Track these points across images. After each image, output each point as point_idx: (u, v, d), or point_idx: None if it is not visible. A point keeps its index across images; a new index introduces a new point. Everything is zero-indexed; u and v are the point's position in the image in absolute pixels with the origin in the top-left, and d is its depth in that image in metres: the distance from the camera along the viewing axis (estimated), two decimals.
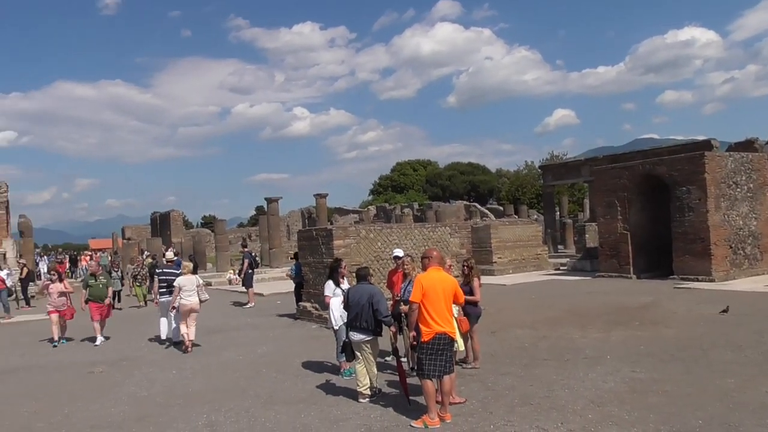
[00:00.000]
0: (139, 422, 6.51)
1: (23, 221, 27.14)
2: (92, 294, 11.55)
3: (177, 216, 37.13)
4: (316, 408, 6.67)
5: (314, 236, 12.72)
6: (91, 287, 11.62)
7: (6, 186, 30.71)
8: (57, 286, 11.68)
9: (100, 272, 12.42)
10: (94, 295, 11.54)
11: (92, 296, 11.53)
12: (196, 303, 10.35)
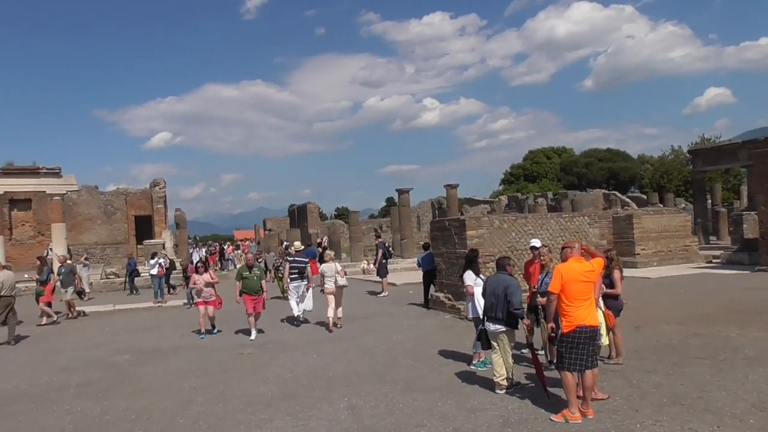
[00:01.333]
0: (286, 401, 6.91)
1: (179, 214, 29.68)
2: (246, 286, 11.20)
3: (313, 208, 38.82)
4: (452, 397, 6.71)
5: (447, 226, 12.74)
6: (245, 279, 11.25)
7: (164, 182, 33.83)
8: (203, 277, 11.57)
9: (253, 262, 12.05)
10: (248, 287, 11.19)
11: (246, 289, 11.19)
12: (334, 287, 11.71)
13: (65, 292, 15.03)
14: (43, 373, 8.92)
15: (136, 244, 33.47)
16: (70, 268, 15.56)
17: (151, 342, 11.26)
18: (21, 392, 7.90)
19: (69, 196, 27.39)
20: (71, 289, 15.21)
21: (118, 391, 7.81)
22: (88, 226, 34.32)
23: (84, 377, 8.61)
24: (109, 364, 9.47)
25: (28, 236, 33.00)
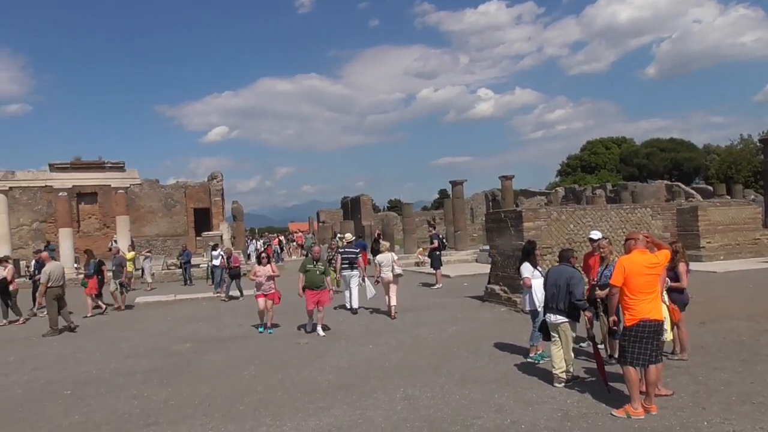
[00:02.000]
0: (343, 390, 6.98)
1: (236, 206, 30.36)
2: (309, 280, 10.69)
3: (366, 200, 39.01)
4: (509, 389, 6.63)
5: (503, 218, 12.58)
6: (308, 273, 10.75)
7: (221, 175, 34.64)
8: (264, 269, 11.06)
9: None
10: (311, 281, 10.67)
11: (308, 283, 10.67)
12: (391, 276, 12.25)
13: (114, 283, 15.42)
14: (111, 360, 9.29)
15: (195, 236, 34.44)
16: (119, 261, 15.88)
17: (211, 331, 11.57)
18: (92, 377, 8.26)
19: (132, 189, 28.39)
20: (118, 281, 15.50)
21: (181, 377, 8.06)
22: (149, 218, 35.53)
23: (149, 364, 8.92)
24: (171, 351, 9.78)
25: (95, 228, 34.43)
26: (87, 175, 24.58)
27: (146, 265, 21.30)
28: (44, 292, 12.18)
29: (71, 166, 24.56)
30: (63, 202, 24.55)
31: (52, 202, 30.37)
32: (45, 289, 12.14)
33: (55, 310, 12.17)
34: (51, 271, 12.31)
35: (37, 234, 33.65)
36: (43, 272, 12.38)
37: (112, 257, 16.35)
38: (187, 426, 6.02)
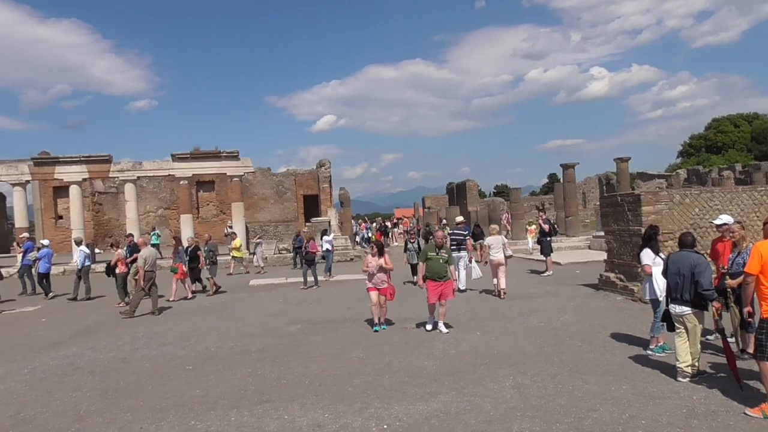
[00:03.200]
0: (450, 376, 6.89)
1: (343, 193, 30.95)
2: (431, 270, 9.60)
3: (472, 185, 38.50)
4: (627, 382, 6.27)
5: (619, 202, 11.90)
6: (430, 261, 9.64)
7: (329, 163, 35.44)
8: (378, 261, 9.93)
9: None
10: (433, 271, 9.57)
11: (430, 273, 9.59)
12: (502, 258, 12.55)
13: (208, 269, 15.88)
14: (228, 338, 9.75)
15: (304, 221, 35.57)
16: (211, 247, 16.36)
17: (321, 313, 11.85)
18: (211, 354, 8.70)
19: (246, 177, 29.73)
20: (214, 268, 15.96)
21: (292, 357, 8.30)
22: (262, 205, 37.09)
23: (262, 343, 9.27)
24: (283, 332, 10.11)
25: (212, 214, 36.44)
26: (205, 164, 25.99)
27: (258, 250, 22.19)
28: (143, 276, 12.92)
29: (191, 156, 26.06)
30: (184, 189, 26.12)
31: (174, 189, 32.45)
32: (143, 272, 12.90)
33: (142, 294, 12.91)
34: (147, 256, 13.10)
35: (161, 220, 36.13)
36: (140, 257, 13.19)
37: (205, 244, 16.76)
38: (298, 405, 6.18)
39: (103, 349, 9.40)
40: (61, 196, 32.19)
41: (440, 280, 9.49)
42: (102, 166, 25.30)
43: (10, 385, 7.51)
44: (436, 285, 9.49)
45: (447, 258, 9.67)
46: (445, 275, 9.56)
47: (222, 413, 6.02)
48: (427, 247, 10.29)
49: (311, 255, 16.21)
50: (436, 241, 9.82)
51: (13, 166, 24.94)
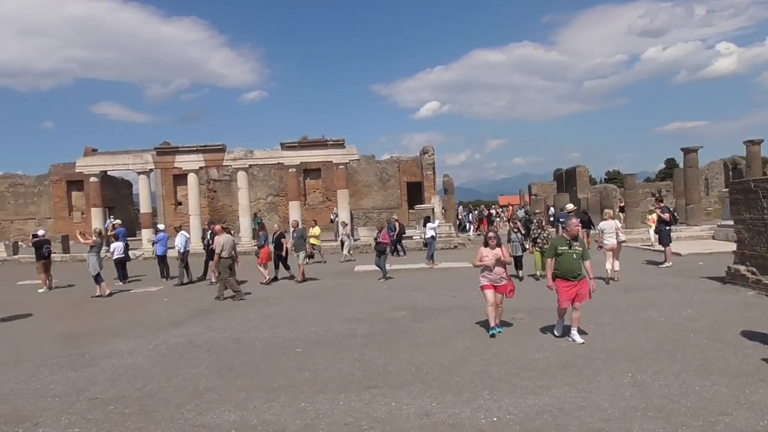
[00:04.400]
0: (563, 370, 6.59)
1: (446, 180, 30.68)
2: (563, 267, 8.00)
3: (583, 171, 36.98)
4: (765, 385, 5.70)
5: (752, 188, 10.88)
6: (560, 257, 8.05)
7: (432, 150, 35.25)
8: (494, 252, 8.49)
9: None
10: (566, 268, 7.97)
11: (561, 270, 8.01)
12: (615, 243, 12.69)
13: (297, 256, 15.83)
14: (335, 323, 9.90)
15: (407, 209, 35.68)
16: (300, 233, 16.35)
17: (425, 301, 11.78)
18: (319, 337, 8.87)
19: (351, 165, 30.17)
20: (302, 254, 15.84)
21: (398, 344, 8.28)
22: (366, 192, 37.58)
23: (368, 329, 9.33)
24: (388, 318, 10.13)
25: (318, 201, 37.39)
26: (312, 153, 26.63)
27: (346, 239, 22.17)
28: (218, 262, 13.38)
29: (299, 144, 26.79)
30: (292, 177, 26.92)
31: (283, 177, 33.54)
32: (219, 258, 13.33)
33: (232, 277, 13.32)
34: (224, 243, 13.47)
35: (270, 206, 37.54)
36: (217, 243, 13.58)
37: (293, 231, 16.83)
38: (406, 392, 6.12)
39: (218, 329, 9.84)
40: (180, 183, 34.24)
41: (574, 280, 7.99)
42: (217, 155, 26.57)
43: (137, 359, 8.01)
44: (569, 285, 7.97)
45: (582, 252, 8.11)
46: (580, 273, 8.03)
47: (330, 396, 6.09)
48: (556, 239, 8.69)
49: (382, 245, 15.72)
50: (569, 231, 8.25)
51: (138, 156, 26.76)
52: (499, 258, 8.47)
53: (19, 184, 38.29)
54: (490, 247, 8.55)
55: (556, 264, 8.10)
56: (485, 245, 8.62)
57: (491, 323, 8.46)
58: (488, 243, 8.59)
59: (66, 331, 10.20)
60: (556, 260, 8.09)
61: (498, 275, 8.51)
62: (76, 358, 8.23)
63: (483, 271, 8.59)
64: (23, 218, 37.58)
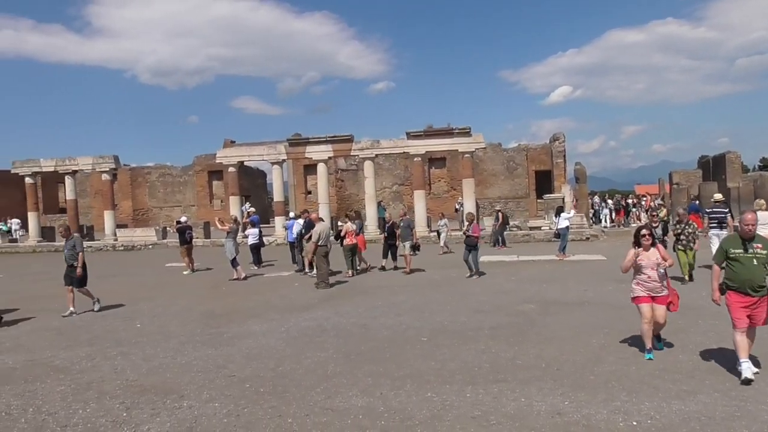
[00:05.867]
0: (712, 375, 6.02)
1: (579, 168, 29.33)
2: (739, 275, 6.03)
3: (733, 158, 33.86)
4: None
5: None
6: (734, 262, 6.08)
7: (563, 137, 33.86)
8: (649, 254, 6.94)
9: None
10: (742, 278, 5.99)
11: (735, 281, 6.06)
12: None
13: (403, 246, 15.40)
14: (460, 313, 9.76)
15: (535, 198, 34.60)
16: (408, 223, 15.90)
17: (555, 294, 11.32)
18: (444, 328, 8.78)
19: (477, 153, 29.71)
20: (408, 244, 15.33)
21: (526, 337, 8.00)
22: (492, 181, 36.91)
23: (495, 321, 9.10)
24: (516, 311, 9.83)
25: (443, 190, 37.27)
26: (437, 141, 26.52)
27: (443, 230, 21.28)
28: (314, 250, 13.53)
29: (424, 133, 26.78)
30: (418, 166, 27.01)
31: (408, 166, 33.76)
32: (315, 247, 13.49)
33: (325, 266, 13.47)
34: (321, 231, 13.64)
35: (395, 196, 37.97)
36: (314, 232, 13.77)
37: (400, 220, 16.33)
38: (536, 388, 5.88)
39: (346, 314, 10.05)
40: (310, 173, 35.54)
41: (755, 295, 5.96)
42: (344, 146, 27.26)
43: (270, 340, 8.37)
44: (747, 301, 5.99)
45: (765, 256, 6.02)
46: (764, 286, 5.98)
47: (457, 388, 5.98)
48: (727, 240, 6.48)
49: (473, 239, 14.29)
50: (743, 229, 6.13)
51: (272, 147, 28.09)
52: (658, 261, 6.89)
53: (168, 174, 41.62)
54: (643, 247, 6.96)
55: (727, 272, 6.19)
56: (636, 245, 7.01)
57: (647, 345, 6.82)
58: (640, 242, 6.97)
59: (207, 311, 10.90)
60: (729, 266, 6.17)
61: (656, 283, 6.88)
62: (216, 336, 8.75)
63: (635, 277, 7.03)
64: (171, 205, 40.85)
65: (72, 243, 11.24)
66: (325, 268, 13.52)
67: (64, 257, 11.36)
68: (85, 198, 39.08)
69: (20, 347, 8.53)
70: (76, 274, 11.03)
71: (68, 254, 11.16)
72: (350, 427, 5.13)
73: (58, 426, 5.38)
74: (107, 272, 17.81)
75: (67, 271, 11.15)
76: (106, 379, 6.79)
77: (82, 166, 30.25)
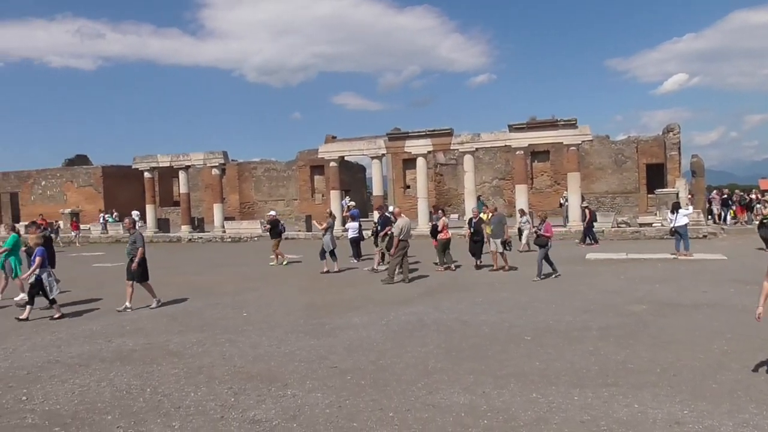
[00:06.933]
0: None
1: (695, 161, 27.46)
2: None
3: None
4: None
5: None
6: None
7: (678, 128, 31.81)
8: None
9: None
10: None
11: None
12: None
13: (494, 243, 14.57)
14: (566, 312, 9.37)
15: (646, 193, 32.79)
16: (499, 219, 15.06)
17: (670, 294, 10.63)
18: (549, 327, 8.45)
19: (582, 146, 28.53)
20: (499, 241, 14.45)
21: (638, 340, 7.54)
22: (598, 175, 35.36)
23: (603, 321, 8.66)
24: (626, 311, 9.31)
25: (546, 185, 36.15)
26: (541, 134, 25.71)
27: (526, 227, 19.99)
28: (397, 244, 13.36)
29: (527, 126, 26.05)
30: (520, 160, 26.33)
31: (509, 160, 33.02)
32: (398, 242, 13.34)
33: (398, 262, 13.29)
34: (402, 226, 13.48)
35: (495, 190, 37.29)
36: (396, 227, 13.66)
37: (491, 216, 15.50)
38: (650, 394, 5.50)
39: (446, 309, 9.92)
40: (408, 167, 35.59)
41: None
42: (444, 139, 27.02)
43: (370, 333, 8.41)
44: None
45: None
46: None
47: (564, 390, 5.71)
48: None
49: (544, 239, 13.18)
50: None
51: (372, 141, 28.37)
52: None
53: (272, 168, 43.14)
54: None
55: None
56: None
57: None
58: None
59: (309, 303, 11.14)
60: None
61: None
62: (317, 327, 8.91)
63: None
64: (275, 199, 42.30)
65: (133, 238, 11.12)
66: (396, 263, 13.47)
67: (126, 251, 11.23)
68: (196, 191, 41.26)
69: (139, 331, 9.08)
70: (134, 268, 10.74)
71: (129, 248, 11.00)
72: (452, 424, 5.02)
73: (172, 407, 5.64)
74: (216, 263, 18.70)
75: (128, 265, 10.94)
76: (215, 364, 7.07)
77: (195, 161, 31.95)
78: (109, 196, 40.07)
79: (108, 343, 8.32)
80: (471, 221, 15.59)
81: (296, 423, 5.16)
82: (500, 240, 14.46)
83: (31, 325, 9.81)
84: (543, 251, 13.13)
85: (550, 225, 13.82)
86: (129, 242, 11.26)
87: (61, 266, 14.06)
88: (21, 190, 42.78)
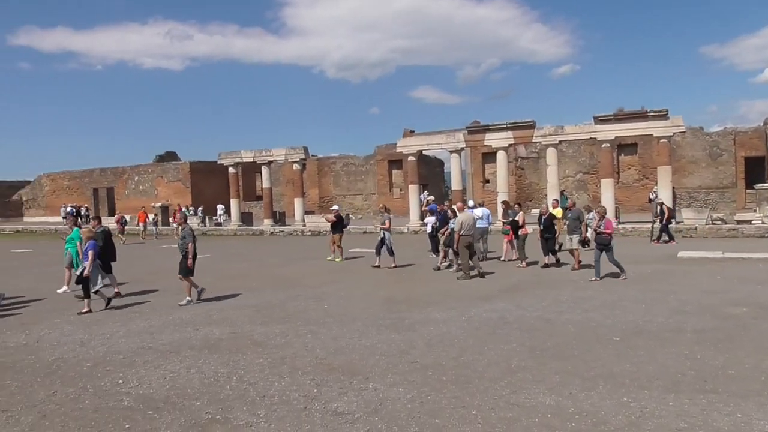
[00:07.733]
0: None
1: None
2: None
3: None
4: None
5: None
6: None
7: None
8: None
9: None
10: None
11: None
12: None
13: (570, 239, 13.91)
14: (658, 313, 8.90)
15: (744, 188, 30.82)
16: (576, 214, 14.26)
17: None
18: (639, 327, 8.05)
19: (673, 138, 27.13)
20: (576, 237, 13.77)
21: (739, 344, 7.06)
22: (691, 168, 33.53)
23: (699, 323, 8.17)
24: (724, 314, 8.74)
25: (633, 179, 34.63)
26: (629, 126, 24.65)
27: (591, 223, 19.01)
28: (458, 240, 13.11)
29: (614, 117, 25.02)
30: (606, 153, 25.36)
31: (594, 153, 31.89)
32: (458, 237, 13.08)
33: (466, 257, 13.09)
34: (463, 221, 13.18)
35: (579, 185, 36.09)
36: (456, 221, 13.40)
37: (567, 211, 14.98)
38: (754, 403, 5.13)
39: (528, 307, 9.67)
40: (488, 161, 35.04)
41: None
42: (525, 132, 26.41)
43: (451, 329, 8.30)
44: None
45: None
46: None
47: (657, 395, 5.41)
48: None
49: (605, 238, 12.24)
50: None
51: (450, 135, 28.10)
52: None
53: (351, 163, 43.61)
54: None
55: None
56: None
57: None
58: None
59: (388, 296, 11.15)
60: None
61: None
62: (397, 321, 8.89)
63: None
64: (353, 193, 42.78)
65: (183, 234, 11.09)
66: (467, 259, 13.23)
67: (177, 246, 11.36)
68: (278, 186, 42.31)
69: (225, 320, 9.38)
70: (186, 264, 10.78)
71: (180, 243, 11.04)
72: (537, 425, 4.86)
73: (258, 396, 5.77)
74: (297, 256, 19.11)
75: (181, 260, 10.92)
76: (298, 355, 7.19)
77: (276, 156, 32.77)
78: (195, 190, 41.83)
79: (196, 331, 8.64)
80: (541, 217, 14.87)
81: (378, 417, 5.15)
82: (577, 237, 13.76)
83: (126, 312, 10.34)
84: (602, 249, 12.24)
85: (610, 222, 12.88)
86: (179, 237, 11.41)
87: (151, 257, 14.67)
88: (116, 185, 45.44)
